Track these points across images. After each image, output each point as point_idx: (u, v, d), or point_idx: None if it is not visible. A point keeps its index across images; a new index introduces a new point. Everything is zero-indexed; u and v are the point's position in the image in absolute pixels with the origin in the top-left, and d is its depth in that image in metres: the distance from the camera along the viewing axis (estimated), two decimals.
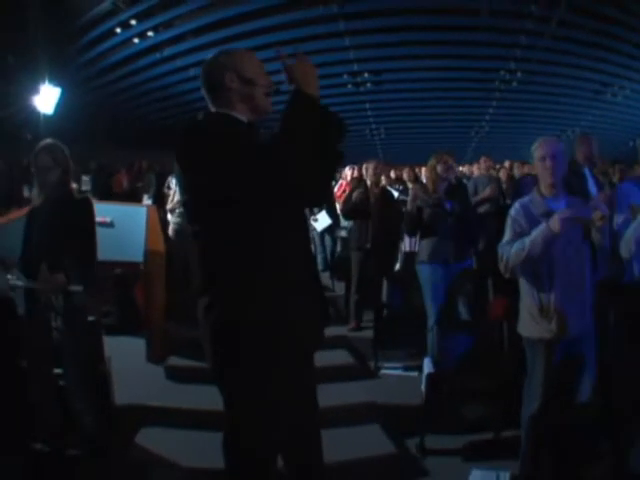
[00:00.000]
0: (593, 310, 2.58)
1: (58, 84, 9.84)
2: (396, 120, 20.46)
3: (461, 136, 22.25)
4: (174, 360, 4.09)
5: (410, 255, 5.04)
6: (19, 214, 3.66)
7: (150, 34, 13.20)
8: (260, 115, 1.77)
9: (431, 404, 3.13)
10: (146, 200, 8.08)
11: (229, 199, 1.56)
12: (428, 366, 3.32)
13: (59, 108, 10.02)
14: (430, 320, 3.88)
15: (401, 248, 5.70)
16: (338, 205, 6.69)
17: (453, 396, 3.32)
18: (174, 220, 6.21)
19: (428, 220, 3.97)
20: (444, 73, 15.88)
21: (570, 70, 15.78)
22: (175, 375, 3.93)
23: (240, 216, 1.57)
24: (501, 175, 7.21)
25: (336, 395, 3.30)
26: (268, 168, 1.51)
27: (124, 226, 4.43)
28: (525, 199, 2.63)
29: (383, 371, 4.22)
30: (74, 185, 2.95)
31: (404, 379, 4.04)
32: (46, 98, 9.68)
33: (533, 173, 3.10)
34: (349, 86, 16.70)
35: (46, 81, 9.68)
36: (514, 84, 16.49)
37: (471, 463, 2.90)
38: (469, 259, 4.18)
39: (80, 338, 2.89)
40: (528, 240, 2.43)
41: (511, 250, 2.48)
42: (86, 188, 10.88)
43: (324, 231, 7.80)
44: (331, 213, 6.89)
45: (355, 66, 15.26)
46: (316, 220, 7.82)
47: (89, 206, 2.90)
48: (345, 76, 16.00)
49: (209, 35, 13.15)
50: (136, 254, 4.33)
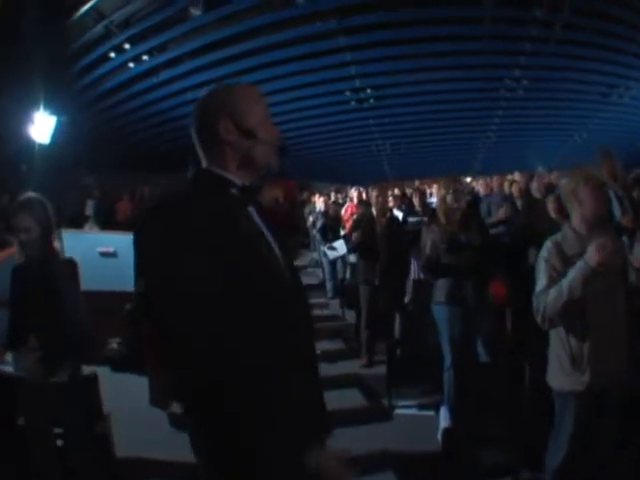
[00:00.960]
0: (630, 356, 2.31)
1: (55, 112, 9.71)
2: (401, 135, 20.18)
3: (468, 147, 21.96)
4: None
5: (420, 283, 4.70)
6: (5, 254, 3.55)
7: (145, 58, 13.02)
8: (261, 174, 1.38)
9: (449, 459, 3.03)
10: None
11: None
12: (445, 417, 3.17)
13: (56, 136, 9.87)
14: (447, 361, 3.54)
15: (410, 274, 5.28)
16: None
17: (471, 444, 3.18)
18: None
19: (443, 257, 3.54)
20: (448, 85, 15.63)
21: (576, 74, 15.53)
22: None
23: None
24: (513, 190, 6.85)
25: (349, 441, 2.93)
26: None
27: (127, 256, 4.15)
28: (557, 236, 2.35)
29: (397, 411, 4.01)
30: (56, 244, 2.78)
31: (420, 420, 3.85)
32: (41, 127, 9.52)
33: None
34: (352, 103, 16.47)
35: (41, 109, 9.50)
36: (520, 92, 16.16)
37: None
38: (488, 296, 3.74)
39: (77, 398, 2.74)
40: (565, 283, 2.16)
41: (548, 298, 2.20)
42: (89, 213, 10.65)
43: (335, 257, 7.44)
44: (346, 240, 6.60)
45: (357, 82, 14.99)
46: (333, 249, 7.41)
47: (74, 268, 2.76)
48: (347, 93, 15.77)
49: (205, 57, 12.91)
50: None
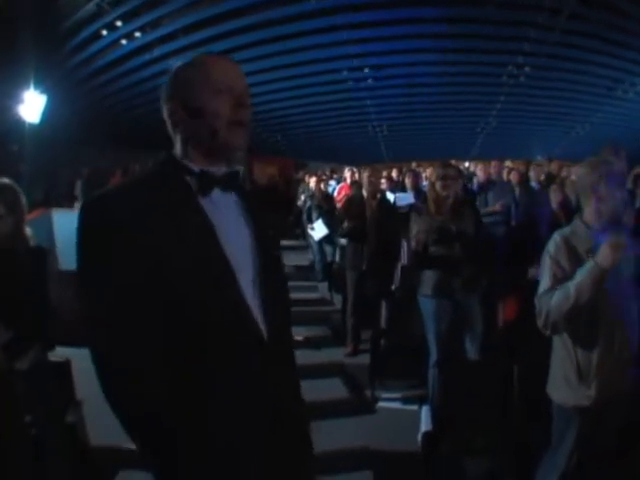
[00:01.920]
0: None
1: (46, 91, 9.58)
2: (399, 117, 19.82)
3: (467, 131, 21.66)
4: None
5: (409, 269, 4.47)
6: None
7: (137, 35, 12.69)
8: (223, 156, 1.22)
9: (428, 464, 2.86)
10: None
11: None
12: (426, 419, 3.02)
13: (47, 115, 9.76)
14: (432, 357, 3.35)
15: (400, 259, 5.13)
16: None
17: (454, 452, 2.99)
18: None
19: (432, 248, 3.33)
20: (448, 67, 15.28)
21: (580, 65, 15.16)
22: None
23: None
24: (512, 178, 6.68)
25: (328, 436, 2.86)
26: None
27: None
28: (566, 230, 2.09)
29: (380, 403, 3.87)
30: (27, 231, 2.64)
31: (403, 414, 3.70)
32: (31, 106, 9.42)
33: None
34: (349, 82, 16.10)
35: (31, 89, 9.34)
36: (522, 79, 15.86)
37: None
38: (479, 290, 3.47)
39: (46, 384, 2.65)
40: (573, 285, 1.91)
41: (551, 301, 1.96)
42: (77, 193, 10.55)
43: (323, 239, 7.37)
44: (330, 220, 6.56)
45: (355, 61, 14.66)
46: (313, 229, 7.41)
47: (42, 255, 2.64)
48: (345, 72, 15.40)
49: (200, 33, 12.54)
50: None
